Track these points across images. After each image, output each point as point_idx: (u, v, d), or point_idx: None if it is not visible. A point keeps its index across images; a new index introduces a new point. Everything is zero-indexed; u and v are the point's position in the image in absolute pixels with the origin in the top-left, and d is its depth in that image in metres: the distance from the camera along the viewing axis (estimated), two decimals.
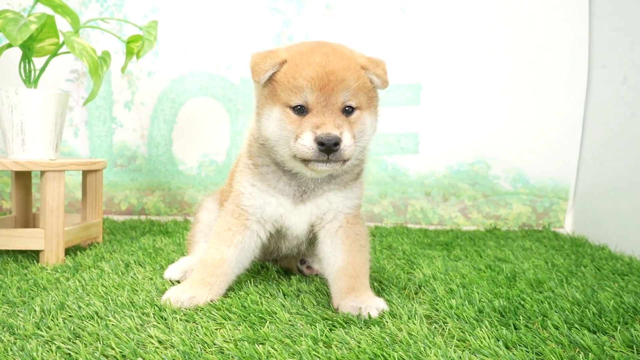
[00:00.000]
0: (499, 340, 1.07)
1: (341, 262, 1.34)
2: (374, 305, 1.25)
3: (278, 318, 1.20)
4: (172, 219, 2.63)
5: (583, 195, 2.57)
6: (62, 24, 2.00)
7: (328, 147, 1.15)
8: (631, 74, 2.25)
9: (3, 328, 1.10)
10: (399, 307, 1.28)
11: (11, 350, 0.98)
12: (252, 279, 1.52)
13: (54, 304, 1.24)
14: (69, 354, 0.98)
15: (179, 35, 2.61)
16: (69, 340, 1.04)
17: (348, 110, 1.23)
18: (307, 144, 1.17)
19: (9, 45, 1.75)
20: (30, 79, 1.79)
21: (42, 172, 1.69)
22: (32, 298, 1.31)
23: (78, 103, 2.62)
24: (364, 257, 1.35)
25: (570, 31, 2.56)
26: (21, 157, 1.73)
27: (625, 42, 2.32)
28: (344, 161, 1.21)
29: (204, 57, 2.62)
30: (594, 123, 2.53)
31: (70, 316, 1.18)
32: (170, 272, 1.51)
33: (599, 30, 2.54)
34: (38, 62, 1.85)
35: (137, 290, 1.39)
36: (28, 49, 1.76)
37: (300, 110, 1.21)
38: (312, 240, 1.44)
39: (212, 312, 1.22)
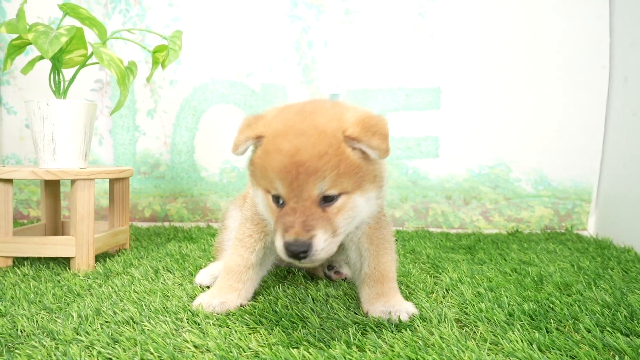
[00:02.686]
0: (532, 344, 1.08)
1: (367, 267, 1.34)
2: (404, 309, 1.26)
3: (310, 322, 1.21)
4: (195, 225, 2.66)
5: (606, 196, 2.55)
6: (89, 36, 2.04)
7: (296, 255, 1.04)
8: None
9: (43, 333, 1.13)
10: (428, 311, 1.29)
11: (54, 355, 1.01)
12: (280, 285, 1.53)
13: (90, 310, 1.26)
14: (110, 358, 1.00)
15: (200, 43, 2.64)
16: (108, 345, 1.06)
17: (329, 199, 1.06)
18: (278, 246, 1.06)
19: (41, 58, 1.79)
20: (59, 90, 1.83)
21: (73, 181, 1.73)
22: (68, 304, 1.34)
23: (102, 112, 2.67)
24: (389, 259, 1.34)
25: (591, 32, 2.55)
26: (52, 166, 1.77)
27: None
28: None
29: (225, 65, 2.66)
30: (616, 124, 2.51)
31: (107, 322, 1.21)
32: (201, 278, 1.53)
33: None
34: (66, 73, 1.90)
35: (168, 296, 1.42)
36: (57, 61, 1.81)
37: (277, 199, 1.10)
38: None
39: (245, 317, 1.24)
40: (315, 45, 2.65)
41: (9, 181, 1.74)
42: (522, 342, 1.08)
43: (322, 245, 1.04)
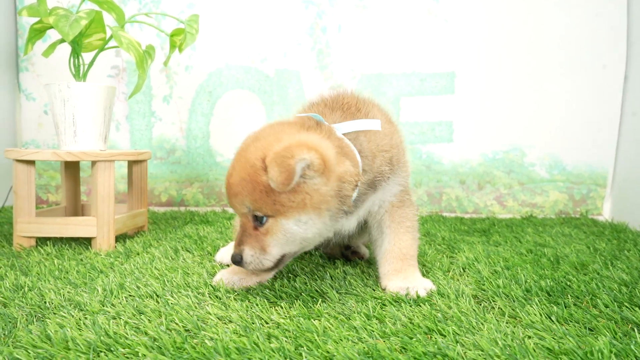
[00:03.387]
0: (550, 317, 1.09)
1: (387, 244, 1.36)
2: (422, 285, 1.28)
3: (329, 297, 1.24)
4: (210, 209, 2.69)
5: (622, 182, 2.54)
6: (107, 20, 2.06)
7: (234, 263, 1.20)
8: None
9: (71, 305, 1.16)
10: (445, 287, 1.30)
11: (84, 324, 1.04)
12: (298, 263, 1.56)
13: (114, 285, 1.29)
14: (138, 327, 1.03)
15: (215, 29, 2.66)
16: (134, 316, 1.09)
17: (260, 220, 1.16)
18: None
19: (62, 41, 1.82)
20: (79, 73, 1.86)
21: (93, 163, 1.76)
22: (92, 280, 1.37)
23: (119, 98, 2.70)
24: (411, 237, 1.36)
25: (607, 15, 2.53)
26: (73, 148, 1.80)
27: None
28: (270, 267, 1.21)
29: (240, 51, 2.67)
30: (632, 108, 2.49)
31: (131, 295, 1.24)
32: (222, 256, 1.56)
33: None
34: (85, 57, 1.92)
35: (188, 273, 1.44)
36: (77, 44, 1.83)
37: None
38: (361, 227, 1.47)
39: (265, 292, 1.26)
40: (329, 30, 2.65)
41: (31, 163, 1.78)
42: (541, 315, 1.09)
43: (249, 260, 1.18)
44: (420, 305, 1.17)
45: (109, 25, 1.84)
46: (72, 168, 2.09)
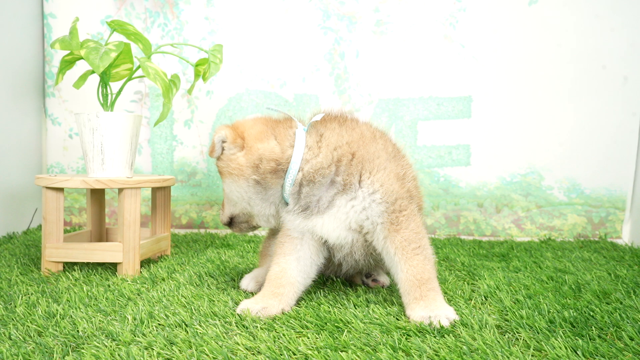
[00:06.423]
0: (576, 350, 1.10)
1: (401, 273, 1.36)
2: (444, 315, 1.29)
3: (353, 327, 1.25)
4: (230, 232, 2.72)
5: None
6: (133, 49, 2.13)
7: None
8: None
9: (103, 335, 1.20)
10: (468, 317, 1.31)
11: (119, 355, 1.07)
12: (320, 290, 1.58)
13: (144, 314, 1.33)
14: (170, 359, 1.06)
15: (236, 55, 2.72)
16: (165, 347, 1.12)
17: None
18: None
19: (91, 72, 1.88)
20: (107, 103, 1.92)
21: (120, 190, 1.80)
22: (122, 307, 1.40)
23: (142, 122, 2.76)
24: (421, 259, 1.34)
25: (623, 38, 2.55)
26: (101, 175, 1.85)
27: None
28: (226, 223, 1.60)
29: (259, 76, 2.73)
30: None
31: (161, 324, 1.27)
32: (246, 284, 1.59)
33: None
34: (113, 85, 1.98)
35: (214, 301, 1.47)
36: (105, 75, 1.89)
37: None
38: (375, 254, 1.48)
39: (290, 322, 1.29)
40: (348, 55, 2.70)
41: (60, 190, 1.83)
42: (566, 348, 1.10)
43: (220, 217, 1.61)
44: (444, 337, 1.18)
45: (136, 55, 1.90)
46: (98, 193, 2.15)
